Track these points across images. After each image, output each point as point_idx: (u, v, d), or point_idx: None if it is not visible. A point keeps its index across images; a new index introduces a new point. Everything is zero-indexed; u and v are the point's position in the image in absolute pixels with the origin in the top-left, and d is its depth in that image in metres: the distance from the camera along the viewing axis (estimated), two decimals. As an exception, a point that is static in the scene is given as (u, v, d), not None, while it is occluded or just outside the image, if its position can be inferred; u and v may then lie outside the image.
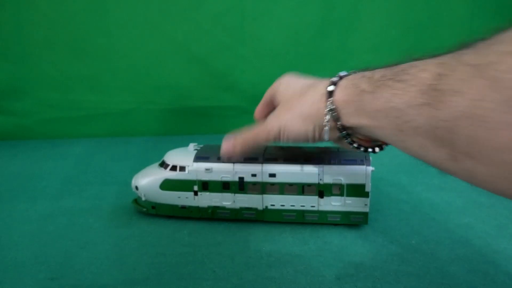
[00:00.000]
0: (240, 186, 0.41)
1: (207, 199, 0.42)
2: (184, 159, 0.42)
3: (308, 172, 0.40)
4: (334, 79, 0.31)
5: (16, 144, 0.78)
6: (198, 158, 0.42)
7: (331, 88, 0.30)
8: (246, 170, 0.41)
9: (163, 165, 0.43)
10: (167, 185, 0.42)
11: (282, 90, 0.37)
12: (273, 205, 0.42)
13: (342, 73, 0.31)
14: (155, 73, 0.81)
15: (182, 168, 0.42)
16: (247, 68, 0.82)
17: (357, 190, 0.39)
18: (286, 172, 0.40)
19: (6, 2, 0.74)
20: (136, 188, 0.43)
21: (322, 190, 0.40)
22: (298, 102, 0.33)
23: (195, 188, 0.42)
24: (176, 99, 0.83)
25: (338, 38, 0.83)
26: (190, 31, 0.79)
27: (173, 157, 0.43)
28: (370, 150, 0.32)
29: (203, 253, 0.37)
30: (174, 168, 0.42)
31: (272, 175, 0.40)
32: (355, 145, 0.32)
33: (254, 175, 0.41)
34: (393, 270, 0.34)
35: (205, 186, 0.42)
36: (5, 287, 0.33)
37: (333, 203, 0.40)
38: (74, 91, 0.80)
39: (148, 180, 0.43)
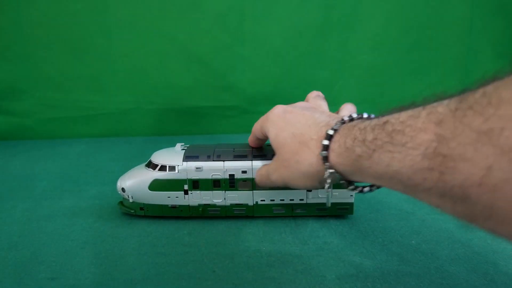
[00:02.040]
0: (231, 183, 0.41)
1: (197, 198, 0.42)
2: (173, 158, 0.42)
3: None
4: (325, 141, 0.29)
5: (16, 144, 0.78)
6: (188, 157, 0.42)
7: (324, 153, 0.29)
8: (236, 167, 0.41)
9: (151, 165, 0.43)
10: (156, 185, 0.42)
11: (273, 135, 0.36)
12: (263, 200, 0.43)
13: (329, 131, 0.30)
14: (155, 73, 0.81)
15: (172, 168, 0.42)
16: (247, 68, 0.82)
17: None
18: None
19: (6, 2, 0.74)
20: (123, 190, 0.43)
21: None
22: (295, 162, 0.33)
23: (186, 187, 0.42)
24: (176, 99, 0.83)
25: (338, 38, 0.83)
26: (190, 31, 0.79)
27: (162, 157, 0.43)
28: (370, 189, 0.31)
29: (203, 253, 0.37)
30: (163, 168, 0.42)
31: None
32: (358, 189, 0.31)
33: (244, 172, 0.41)
34: (393, 270, 0.34)
35: (196, 184, 0.42)
36: (5, 287, 0.33)
37: (321, 196, 0.42)
38: (74, 91, 0.80)
39: (135, 181, 0.43)
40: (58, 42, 0.77)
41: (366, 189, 0.30)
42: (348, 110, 0.40)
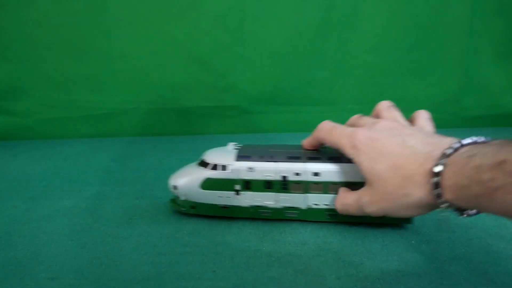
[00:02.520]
0: (283, 185, 0.41)
1: (249, 199, 0.42)
2: (225, 158, 0.42)
3: (352, 171, 0.39)
4: (434, 179, 0.29)
5: (16, 144, 0.78)
6: (240, 157, 0.41)
7: (436, 192, 0.29)
8: (289, 169, 0.40)
9: (203, 164, 0.42)
10: (208, 184, 0.41)
11: (366, 167, 0.34)
12: (317, 204, 0.41)
13: (436, 168, 0.29)
14: (155, 73, 0.81)
15: (224, 167, 0.41)
16: (247, 68, 0.82)
17: None
18: (330, 170, 0.40)
19: (6, 2, 0.74)
20: (175, 187, 0.42)
21: None
22: (403, 196, 0.32)
23: (237, 187, 0.41)
24: (176, 99, 0.83)
25: (338, 38, 0.83)
26: (190, 31, 0.79)
27: (214, 156, 0.43)
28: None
29: (203, 253, 0.37)
30: (215, 167, 0.41)
31: (316, 174, 0.40)
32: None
33: (297, 174, 0.40)
34: (393, 270, 0.34)
35: (247, 185, 0.41)
36: (5, 287, 0.33)
37: None
38: (74, 91, 0.80)
39: (188, 179, 0.42)
40: (58, 42, 0.77)
41: (472, 212, 0.30)
42: (423, 118, 0.39)
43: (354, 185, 0.39)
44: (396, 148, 0.33)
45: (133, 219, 0.44)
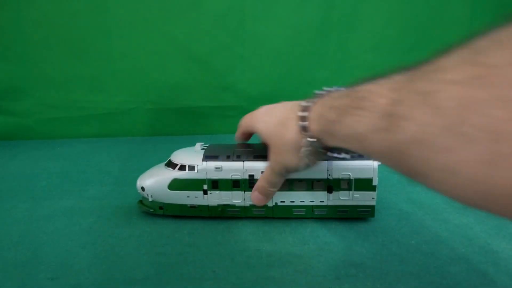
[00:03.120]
0: (250, 183, 0.41)
1: (216, 198, 0.42)
2: (193, 158, 0.42)
3: (317, 168, 0.40)
4: (300, 113, 0.33)
5: (16, 144, 0.78)
6: (207, 157, 0.42)
7: (302, 124, 0.32)
8: (256, 168, 0.41)
9: (171, 165, 0.43)
10: (176, 184, 0.42)
11: (262, 132, 0.39)
12: (283, 202, 0.42)
13: (304, 103, 0.33)
14: (155, 73, 0.81)
15: (192, 168, 0.41)
16: (247, 68, 0.82)
17: (364, 184, 0.40)
18: None
19: (6, 2, 0.74)
20: (142, 189, 0.43)
21: (331, 185, 0.41)
22: (283, 144, 0.36)
23: (205, 187, 0.42)
24: (176, 99, 0.83)
25: (338, 38, 0.83)
26: (190, 31, 0.79)
27: (181, 156, 0.43)
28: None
29: (203, 253, 0.37)
30: (183, 167, 0.42)
31: None
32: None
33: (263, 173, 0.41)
34: (393, 270, 0.34)
35: (215, 184, 0.42)
36: (5, 287, 0.33)
37: (342, 198, 0.41)
38: (74, 91, 0.80)
39: (155, 181, 0.43)
40: (58, 42, 0.77)
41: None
42: None
43: (318, 182, 0.41)
44: (285, 106, 0.38)
45: (133, 219, 0.44)
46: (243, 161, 0.41)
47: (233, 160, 0.41)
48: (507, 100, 0.16)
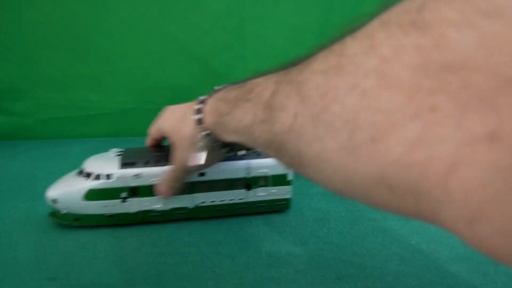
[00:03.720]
0: None
1: (136, 205, 0.41)
2: (108, 166, 0.40)
3: (236, 168, 0.41)
4: (196, 106, 0.34)
5: (16, 144, 0.78)
6: (125, 164, 0.41)
7: (196, 116, 0.33)
8: None
9: (84, 174, 0.41)
10: (92, 195, 0.40)
11: (167, 131, 0.39)
12: (203, 202, 0.43)
13: (201, 97, 0.34)
14: (155, 73, 0.81)
15: (108, 176, 0.40)
16: (247, 68, 0.82)
17: (280, 179, 0.43)
18: (215, 170, 0.41)
19: (6, 2, 0.74)
20: (54, 201, 0.40)
21: (249, 183, 0.42)
22: (182, 139, 0.36)
23: (123, 195, 0.41)
24: (176, 99, 0.82)
25: (338, 38, 0.83)
26: (190, 31, 0.79)
27: (96, 164, 0.41)
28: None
29: (203, 253, 0.37)
30: (98, 176, 0.40)
31: (202, 174, 0.41)
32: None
33: None
34: (393, 270, 0.34)
35: (134, 192, 0.41)
36: (5, 287, 0.33)
37: (259, 194, 0.43)
38: (74, 91, 0.80)
39: (68, 192, 0.40)
40: (58, 42, 0.77)
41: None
42: None
43: (237, 181, 0.42)
44: (182, 106, 0.39)
45: (133, 219, 0.44)
46: (163, 165, 0.40)
47: (152, 166, 0.40)
48: (359, 88, 0.16)
